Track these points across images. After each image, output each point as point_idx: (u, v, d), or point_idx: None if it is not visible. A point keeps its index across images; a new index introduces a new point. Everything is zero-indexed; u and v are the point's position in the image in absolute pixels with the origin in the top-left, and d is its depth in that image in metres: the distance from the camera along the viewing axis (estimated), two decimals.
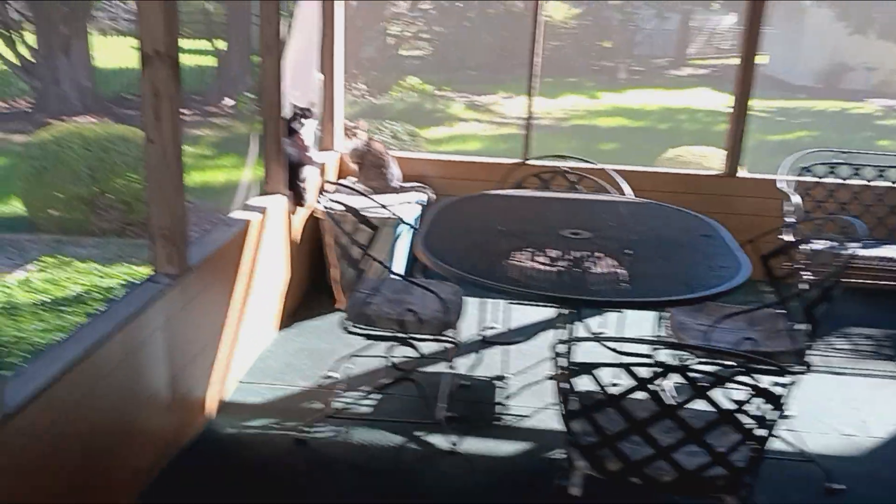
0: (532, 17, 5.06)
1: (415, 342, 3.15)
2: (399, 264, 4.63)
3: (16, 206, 7.14)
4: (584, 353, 2.37)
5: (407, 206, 4.69)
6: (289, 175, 4.24)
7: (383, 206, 3.90)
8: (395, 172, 4.97)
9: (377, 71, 16.44)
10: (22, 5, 13.97)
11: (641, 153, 10.67)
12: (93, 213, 6.53)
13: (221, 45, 15.41)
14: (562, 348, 2.29)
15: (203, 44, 16.28)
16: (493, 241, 3.28)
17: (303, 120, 4.39)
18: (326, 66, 5.08)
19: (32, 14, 13.38)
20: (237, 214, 3.86)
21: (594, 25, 22.68)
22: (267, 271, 3.99)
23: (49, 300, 4.60)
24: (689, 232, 3.45)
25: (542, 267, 2.97)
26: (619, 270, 2.96)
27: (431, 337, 3.15)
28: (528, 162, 4.65)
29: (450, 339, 3.20)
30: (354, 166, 4.97)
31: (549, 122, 14.58)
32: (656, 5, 21.87)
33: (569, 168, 4.26)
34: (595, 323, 4.14)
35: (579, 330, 3.52)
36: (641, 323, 3.96)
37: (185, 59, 15.62)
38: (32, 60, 13.22)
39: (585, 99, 17.42)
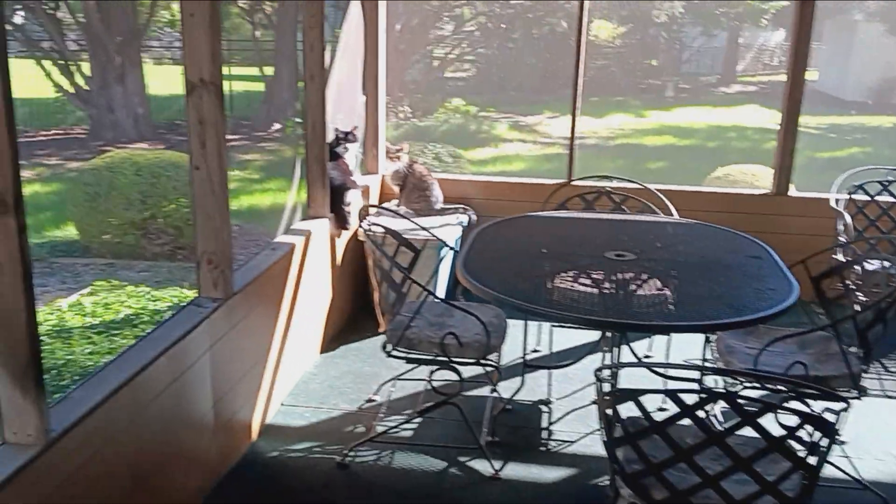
0: (576, 37, 5.05)
1: (456, 366, 3.13)
2: (441, 287, 4.63)
3: (70, 231, 7.35)
4: (630, 377, 2.32)
5: (449, 228, 4.70)
6: (333, 198, 4.27)
7: (425, 229, 3.90)
8: (437, 195, 4.98)
9: (421, 93, 16.57)
10: (79, 35, 14.43)
11: (689, 172, 10.56)
12: (144, 237, 6.68)
13: (269, 71, 15.71)
14: (605, 373, 2.25)
15: (252, 70, 16.66)
16: (535, 264, 3.25)
17: (346, 144, 4.43)
18: (370, 90, 5.13)
19: (88, 44, 13.80)
20: (282, 238, 3.90)
21: (640, 44, 22.58)
22: (310, 294, 4.01)
23: (99, 323, 4.69)
24: (737, 253, 3.38)
25: (585, 289, 2.94)
26: (664, 293, 2.91)
27: (473, 360, 3.12)
28: (572, 182, 4.61)
29: (492, 363, 3.17)
30: (397, 189, 4.99)
31: (596, 141, 14.51)
32: (704, 22, 21.67)
33: (613, 188, 4.22)
34: (641, 346, 4.08)
35: (624, 354, 3.47)
36: (688, 346, 3.89)
37: (236, 86, 16.08)
38: (88, 89, 13.62)
39: (632, 118, 17.31)
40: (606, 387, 2.19)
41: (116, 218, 6.59)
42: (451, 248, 4.11)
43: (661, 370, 2.77)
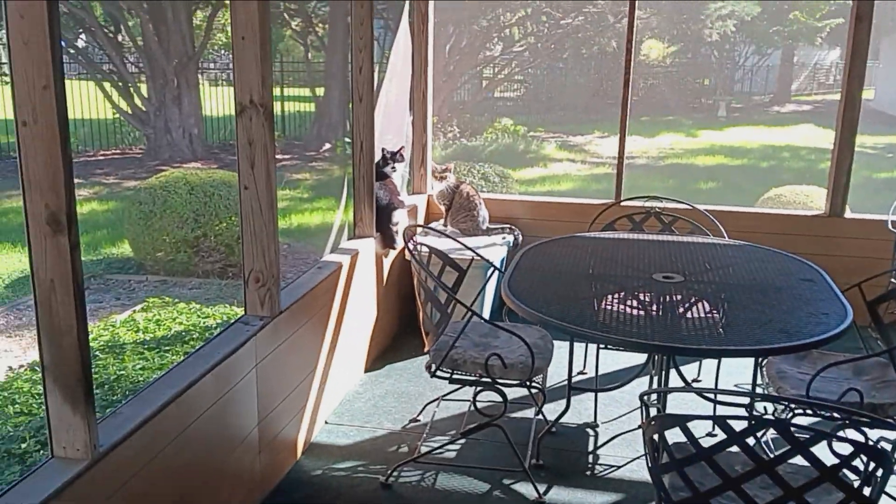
0: (625, 56, 5.03)
1: (501, 387, 3.11)
2: (486, 308, 4.61)
3: (125, 249, 7.52)
4: (677, 402, 2.28)
5: (495, 248, 4.69)
6: (379, 218, 4.30)
7: (470, 249, 3.90)
8: (483, 214, 4.98)
9: (470, 113, 16.64)
10: (137, 57, 14.84)
11: (742, 192, 10.38)
12: (196, 255, 6.80)
13: (321, 92, 15.93)
14: (652, 397, 2.21)
15: (304, 92, 16.93)
16: (582, 285, 3.22)
17: (394, 164, 4.47)
18: (417, 110, 5.18)
19: (146, 66, 14.18)
20: (329, 257, 3.94)
21: (691, 63, 22.37)
22: (357, 313, 4.03)
23: (151, 339, 4.77)
24: (790, 276, 3.30)
25: (633, 312, 2.90)
26: (714, 316, 2.86)
27: (518, 382, 3.10)
28: (621, 203, 4.57)
29: (537, 386, 3.14)
30: (443, 208, 5.00)
31: (646, 160, 14.36)
32: (757, 41, 21.39)
33: (662, 209, 4.17)
34: (689, 370, 4.00)
35: (672, 378, 3.41)
36: (738, 370, 3.80)
37: (288, 106, 16.39)
38: (145, 110, 13.98)
39: (683, 137, 17.11)
40: (653, 411, 2.15)
41: (170, 236, 6.72)
42: (497, 269, 4.10)
43: (709, 395, 2.72)
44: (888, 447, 1.90)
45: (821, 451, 1.91)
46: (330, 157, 14.23)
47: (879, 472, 1.94)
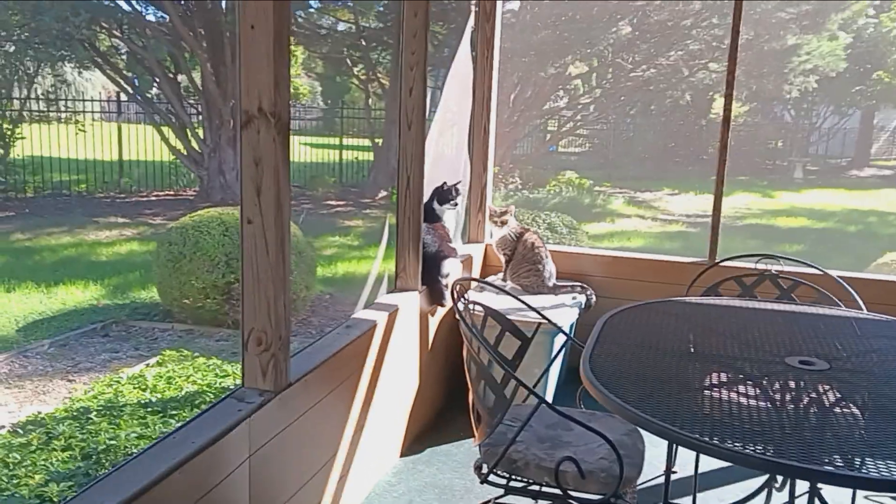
0: (724, 103, 4.34)
1: (575, 502, 2.31)
2: (552, 384, 3.83)
3: (154, 294, 6.92)
4: None
5: (564, 310, 3.91)
6: (427, 268, 3.58)
7: (535, 310, 3.13)
8: (550, 269, 4.22)
9: (532, 165, 15.99)
10: (196, 98, 14.64)
11: (837, 256, 9.47)
12: (227, 302, 6.14)
13: (380, 140, 15.60)
14: None
15: (364, 141, 16.66)
16: (681, 367, 2.42)
17: (448, 204, 3.76)
18: (477, 148, 4.49)
19: (203, 108, 13.95)
20: (361, 314, 3.22)
21: (765, 123, 21.45)
22: (392, 383, 3.29)
23: (157, 400, 4.10)
24: None
25: (750, 403, 2.09)
26: (861, 420, 2.03)
27: (598, 496, 2.29)
28: (721, 262, 3.76)
29: (625, 501, 2.33)
30: (503, 259, 4.26)
31: (721, 220, 13.42)
32: (836, 101, 20.39)
33: (779, 272, 3.35)
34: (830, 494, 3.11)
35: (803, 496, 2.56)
36: None
37: (347, 155, 16.05)
38: (200, 151, 13.70)
39: (759, 197, 16.16)
40: None
41: (199, 280, 6.06)
42: (571, 338, 3.29)
43: None
44: None
45: None
46: (385, 205, 13.74)
47: None
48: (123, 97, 16.04)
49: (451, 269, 3.69)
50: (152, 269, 6.63)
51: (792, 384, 2.26)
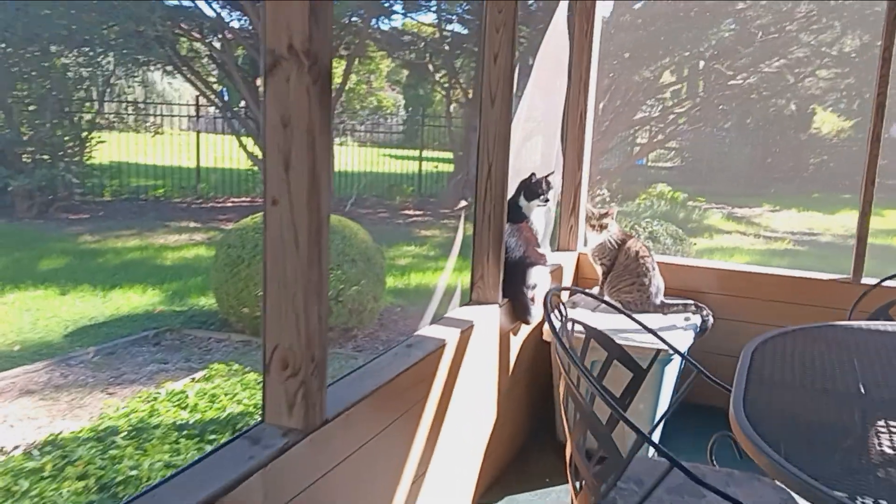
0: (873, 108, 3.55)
1: None
2: (660, 426, 3.12)
3: (212, 301, 6.48)
4: None
5: (676, 332, 3.20)
6: (509, 277, 2.94)
7: (652, 331, 2.44)
8: (658, 284, 3.52)
9: (621, 178, 15.17)
10: None
11: None
12: None
13: (461, 149, 15.15)
14: None
15: (447, 154, 16.36)
16: (847, 413, 1.71)
17: (538, 199, 3.11)
18: (571, 140, 3.83)
19: None
20: (426, 330, 2.59)
21: (866, 140, 20.05)
22: (464, 418, 2.66)
23: (196, 421, 3.57)
24: None
25: None
26: None
27: None
28: (882, 283, 3.00)
29: None
30: (600, 270, 3.58)
31: (830, 238, 12.41)
32: None
33: None
34: None
35: None
36: None
37: (427, 166, 16.08)
38: None
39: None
40: None
41: (257, 287, 5.57)
42: (699, 369, 2.55)
43: None
44: None
45: None
46: (465, 215, 13.18)
47: None
48: (212, 109, 15.99)
49: (539, 280, 3.05)
50: (210, 273, 6.17)
51: None
